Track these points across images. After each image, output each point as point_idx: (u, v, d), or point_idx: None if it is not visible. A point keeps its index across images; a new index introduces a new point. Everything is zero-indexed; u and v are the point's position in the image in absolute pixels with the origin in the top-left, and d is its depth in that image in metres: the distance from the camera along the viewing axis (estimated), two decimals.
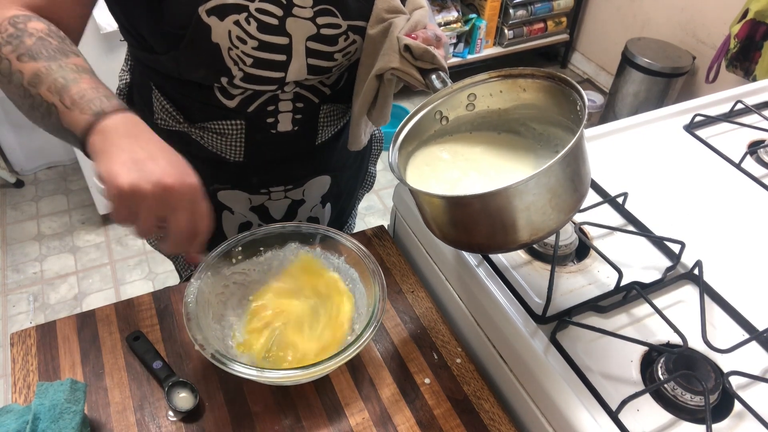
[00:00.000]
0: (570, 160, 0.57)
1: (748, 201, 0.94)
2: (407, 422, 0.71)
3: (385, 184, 2.50)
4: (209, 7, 0.67)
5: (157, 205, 0.53)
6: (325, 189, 0.97)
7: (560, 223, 0.61)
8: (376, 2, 0.75)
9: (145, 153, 0.54)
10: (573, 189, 0.59)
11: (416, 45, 0.71)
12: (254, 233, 0.78)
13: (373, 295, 0.72)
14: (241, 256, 0.78)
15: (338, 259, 0.80)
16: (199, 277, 0.73)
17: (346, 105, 0.90)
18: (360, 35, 0.77)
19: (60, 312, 1.94)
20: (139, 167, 0.53)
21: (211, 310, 0.73)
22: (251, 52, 0.71)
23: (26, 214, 2.28)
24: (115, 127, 0.55)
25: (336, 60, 0.77)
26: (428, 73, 0.72)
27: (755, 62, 2.06)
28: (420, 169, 0.70)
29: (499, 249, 0.71)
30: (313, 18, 0.72)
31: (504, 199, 0.56)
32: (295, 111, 0.82)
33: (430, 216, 0.65)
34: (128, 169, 0.52)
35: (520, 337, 0.72)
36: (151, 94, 0.83)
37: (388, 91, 0.79)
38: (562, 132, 0.67)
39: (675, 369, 0.66)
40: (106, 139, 0.55)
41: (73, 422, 0.63)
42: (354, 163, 1.02)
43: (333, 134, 0.91)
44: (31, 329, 0.78)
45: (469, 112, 0.72)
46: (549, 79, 0.65)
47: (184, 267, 1.08)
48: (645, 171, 0.99)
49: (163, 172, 0.53)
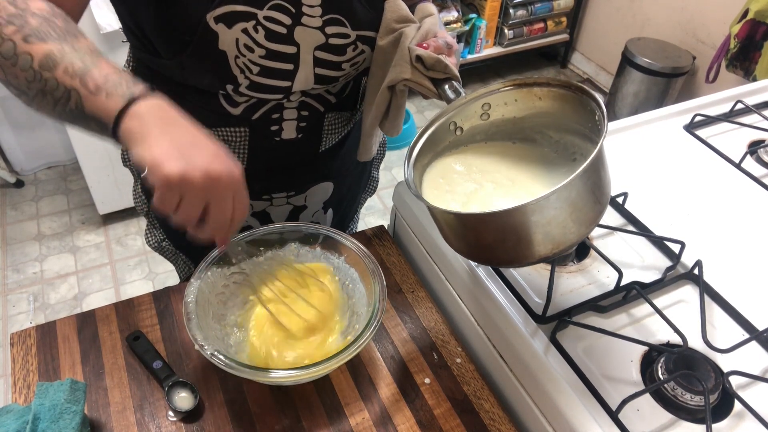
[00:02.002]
0: (591, 173, 0.56)
1: (748, 201, 0.94)
2: (407, 422, 0.71)
3: (385, 184, 2.50)
4: (217, 14, 0.66)
5: (205, 193, 0.53)
6: (327, 195, 0.96)
7: (581, 236, 0.59)
8: (386, 12, 0.74)
9: (186, 139, 0.53)
10: (594, 201, 0.58)
11: (428, 55, 0.70)
12: (254, 233, 0.78)
13: (374, 294, 0.72)
14: (241, 256, 0.78)
15: (338, 259, 0.80)
16: (199, 277, 0.73)
17: (350, 113, 0.89)
18: (368, 45, 0.76)
19: (60, 312, 1.94)
20: (184, 155, 0.52)
21: (211, 309, 0.73)
22: (258, 61, 0.71)
23: (26, 214, 2.28)
24: (150, 111, 0.54)
25: (344, 70, 0.77)
26: (441, 83, 0.71)
27: (755, 62, 2.06)
28: (435, 182, 0.69)
29: (519, 263, 0.68)
30: (321, 27, 0.71)
31: (523, 215, 0.55)
32: (300, 119, 0.82)
33: (449, 232, 0.64)
34: (174, 157, 0.51)
35: (520, 337, 0.72)
36: None
37: (400, 102, 0.78)
38: (579, 140, 0.66)
39: (675, 369, 0.66)
40: (143, 124, 0.53)
41: (73, 422, 0.63)
42: (356, 169, 1.01)
43: (336, 141, 0.90)
44: (31, 329, 0.78)
45: (483, 122, 0.71)
46: (565, 88, 0.64)
47: (184, 268, 1.08)
48: (645, 171, 0.99)
49: (210, 160, 0.53)
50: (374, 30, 0.75)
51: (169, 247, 1.04)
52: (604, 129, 0.56)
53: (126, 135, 0.54)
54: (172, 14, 0.66)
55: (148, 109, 0.54)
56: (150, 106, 0.54)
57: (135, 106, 0.54)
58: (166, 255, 1.07)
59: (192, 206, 0.54)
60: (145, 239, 1.06)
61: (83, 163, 2.03)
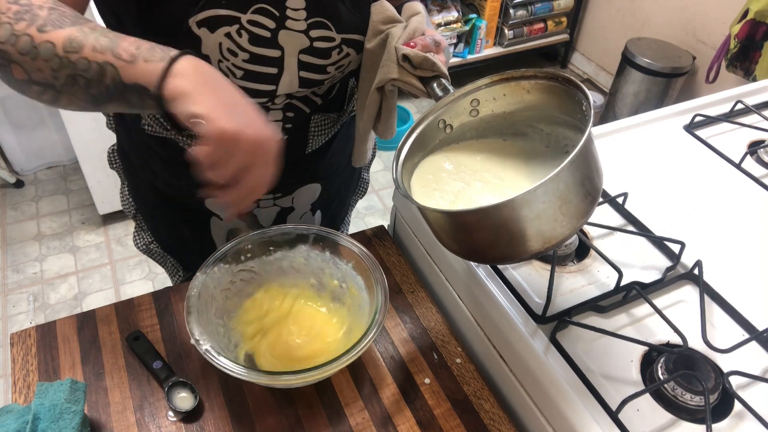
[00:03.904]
0: (578, 164, 0.55)
1: (748, 201, 0.94)
2: (407, 422, 0.71)
3: (385, 184, 2.50)
4: (200, 19, 0.65)
5: (251, 155, 0.53)
6: (314, 197, 0.96)
7: (573, 230, 0.58)
8: (372, 15, 0.74)
9: (233, 99, 0.53)
10: (584, 193, 0.57)
11: (414, 53, 0.69)
12: (265, 232, 0.78)
13: (376, 302, 0.71)
14: (250, 254, 0.78)
15: (346, 265, 0.78)
16: (206, 272, 0.73)
17: (337, 114, 0.89)
18: (353, 48, 0.76)
19: (60, 312, 1.94)
20: (236, 114, 0.52)
21: (214, 305, 0.73)
22: (242, 65, 0.70)
23: (26, 214, 2.28)
24: (194, 69, 0.54)
25: (329, 73, 0.76)
26: (429, 81, 0.71)
27: (755, 62, 2.06)
28: (424, 179, 0.68)
29: (512, 260, 0.68)
30: (306, 31, 0.71)
31: (510, 210, 0.55)
32: (286, 120, 0.81)
33: (439, 231, 0.64)
34: (229, 113, 0.51)
35: (520, 337, 0.72)
36: None
37: (390, 103, 0.78)
38: (570, 132, 0.66)
39: (675, 369, 0.66)
40: (189, 81, 0.53)
41: (73, 422, 0.63)
42: (345, 171, 1.00)
43: (324, 143, 0.90)
44: (31, 329, 0.78)
45: (473, 118, 0.71)
46: (552, 80, 0.63)
47: (172, 270, 1.08)
48: (645, 171, 0.99)
49: (259, 124, 0.53)
50: (359, 33, 0.75)
51: (157, 249, 1.03)
52: (590, 119, 0.56)
53: (172, 94, 0.53)
54: (154, 19, 0.66)
55: (192, 66, 0.54)
56: (192, 65, 0.54)
57: (176, 65, 0.54)
58: (154, 257, 1.06)
59: (235, 164, 0.53)
60: (134, 242, 1.06)
61: (83, 163, 2.03)
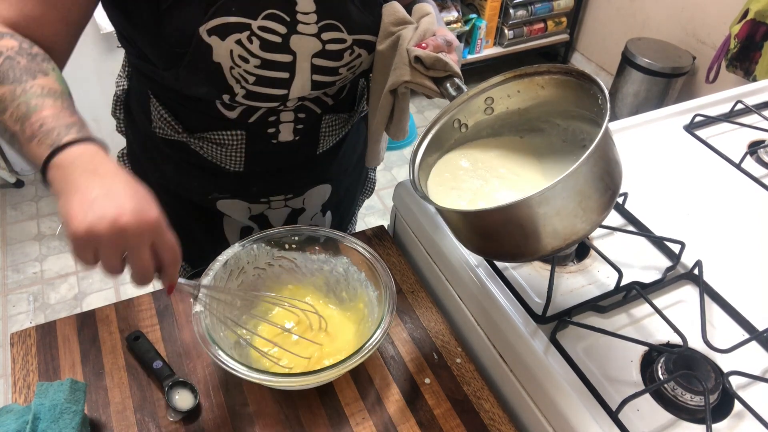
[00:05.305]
0: (596, 158, 0.55)
1: (748, 201, 0.94)
2: (407, 422, 0.71)
3: (385, 184, 2.50)
4: (210, 27, 0.65)
5: (116, 245, 0.52)
6: (325, 197, 0.96)
7: (594, 225, 0.58)
8: (383, 17, 0.74)
9: (102, 190, 0.52)
10: (604, 188, 0.57)
11: (426, 55, 0.69)
12: (317, 230, 0.79)
13: (383, 308, 0.71)
14: (296, 245, 0.78)
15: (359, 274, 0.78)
16: (243, 245, 0.74)
17: (348, 114, 0.89)
18: (365, 49, 0.76)
19: (60, 312, 1.94)
20: (93, 209, 0.51)
21: (242, 277, 0.75)
22: (254, 71, 0.70)
23: (26, 214, 2.28)
24: (73, 161, 0.53)
25: (340, 74, 0.76)
26: (442, 81, 0.70)
27: (755, 62, 2.06)
28: (441, 178, 0.68)
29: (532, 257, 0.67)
30: (317, 34, 0.71)
31: (528, 208, 0.55)
32: (297, 121, 0.81)
33: (458, 230, 0.64)
34: (84, 211, 0.50)
35: (520, 337, 0.72)
36: (149, 102, 0.81)
37: (403, 105, 0.78)
38: (587, 126, 0.65)
39: (675, 369, 0.66)
40: (64, 176, 0.53)
41: (73, 422, 0.63)
42: (354, 171, 1.01)
43: (334, 143, 0.90)
44: (31, 329, 0.78)
45: (488, 116, 0.71)
46: (566, 74, 0.63)
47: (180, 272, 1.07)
48: (645, 171, 0.99)
49: (119, 210, 0.51)
50: (371, 33, 0.75)
51: None
52: (607, 112, 0.55)
53: (51, 185, 0.54)
54: (165, 28, 0.66)
55: (73, 158, 0.53)
56: (75, 155, 0.53)
57: (60, 155, 0.53)
58: None
59: (107, 258, 0.53)
60: None
61: None
